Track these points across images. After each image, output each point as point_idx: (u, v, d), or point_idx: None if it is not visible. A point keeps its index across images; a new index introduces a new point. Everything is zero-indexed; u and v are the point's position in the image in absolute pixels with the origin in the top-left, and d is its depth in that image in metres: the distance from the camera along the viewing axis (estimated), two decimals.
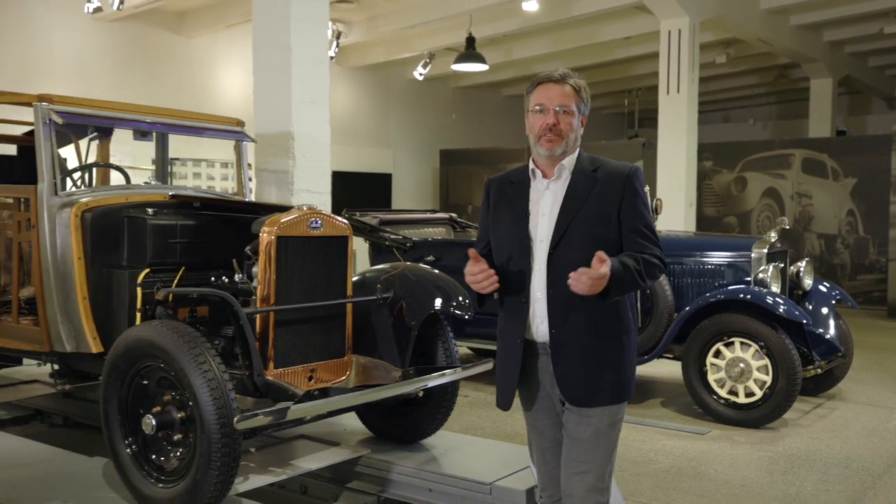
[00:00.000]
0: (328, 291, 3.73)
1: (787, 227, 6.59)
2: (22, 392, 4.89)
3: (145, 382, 3.32)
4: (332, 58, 11.19)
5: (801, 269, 6.33)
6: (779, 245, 6.15)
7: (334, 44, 11.66)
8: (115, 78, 10.29)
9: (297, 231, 3.58)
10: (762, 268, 5.86)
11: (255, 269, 3.69)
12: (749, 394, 5.58)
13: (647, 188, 2.78)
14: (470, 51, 11.37)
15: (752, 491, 4.41)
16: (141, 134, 4.31)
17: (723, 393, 5.67)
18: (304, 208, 3.66)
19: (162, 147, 5.00)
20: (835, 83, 14.13)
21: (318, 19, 5.41)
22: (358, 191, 13.20)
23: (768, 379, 5.48)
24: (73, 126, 4.34)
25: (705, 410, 5.74)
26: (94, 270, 3.77)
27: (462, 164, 14.89)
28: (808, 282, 6.33)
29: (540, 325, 2.57)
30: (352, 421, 4.39)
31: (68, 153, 5.66)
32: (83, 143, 5.49)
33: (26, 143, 5.64)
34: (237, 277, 3.79)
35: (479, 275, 2.52)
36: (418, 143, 15.14)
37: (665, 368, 7.04)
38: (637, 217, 2.56)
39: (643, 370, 6.96)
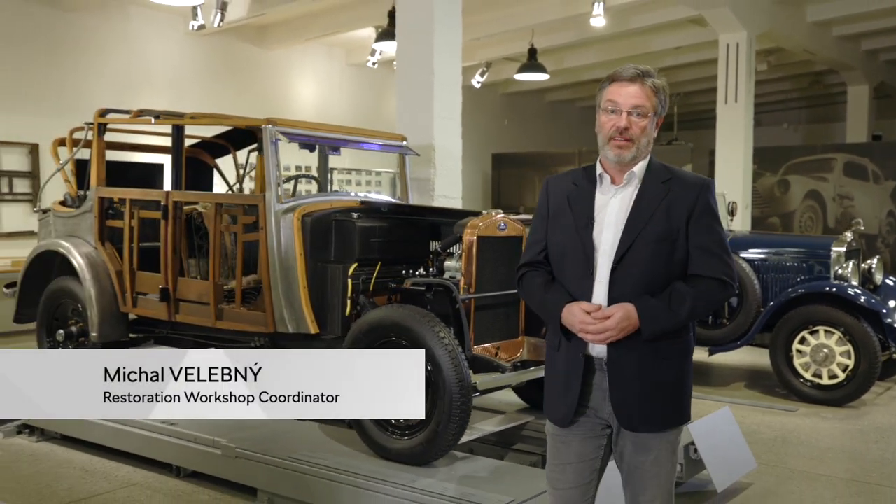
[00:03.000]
0: (510, 281, 4.44)
1: (863, 229, 7.28)
2: None
3: None
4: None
5: (873, 265, 7.01)
6: (854, 244, 6.85)
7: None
8: (203, 88, 11.05)
9: (490, 232, 4.30)
10: (842, 264, 6.57)
11: (447, 263, 4.42)
12: (832, 376, 6.28)
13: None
14: (532, 61, 12.10)
15: (852, 455, 5.13)
16: (333, 149, 5.04)
17: (808, 375, 6.37)
18: (493, 214, 4.38)
19: (325, 159, 5.71)
20: (871, 89, 14.81)
21: (454, 45, 6.12)
22: None
23: (850, 363, 6.19)
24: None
25: (791, 391, 6.45)
26: (311, 265, 4.49)
27: (513, 168, 15.60)
28: (878, 277, 7.01)
29: None
30: (506, 396, 5.10)
31: (226, 163, 6.43)
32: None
33: (190, 155, 6.38)
34: (420, 271, 4.52)
35: (595, 325, 2.33)
36: (470, 147, 15.73)
37: (737, 356, 7.75)
38: (704, 233, 2.40)
39: (726, 357, 7.66)
